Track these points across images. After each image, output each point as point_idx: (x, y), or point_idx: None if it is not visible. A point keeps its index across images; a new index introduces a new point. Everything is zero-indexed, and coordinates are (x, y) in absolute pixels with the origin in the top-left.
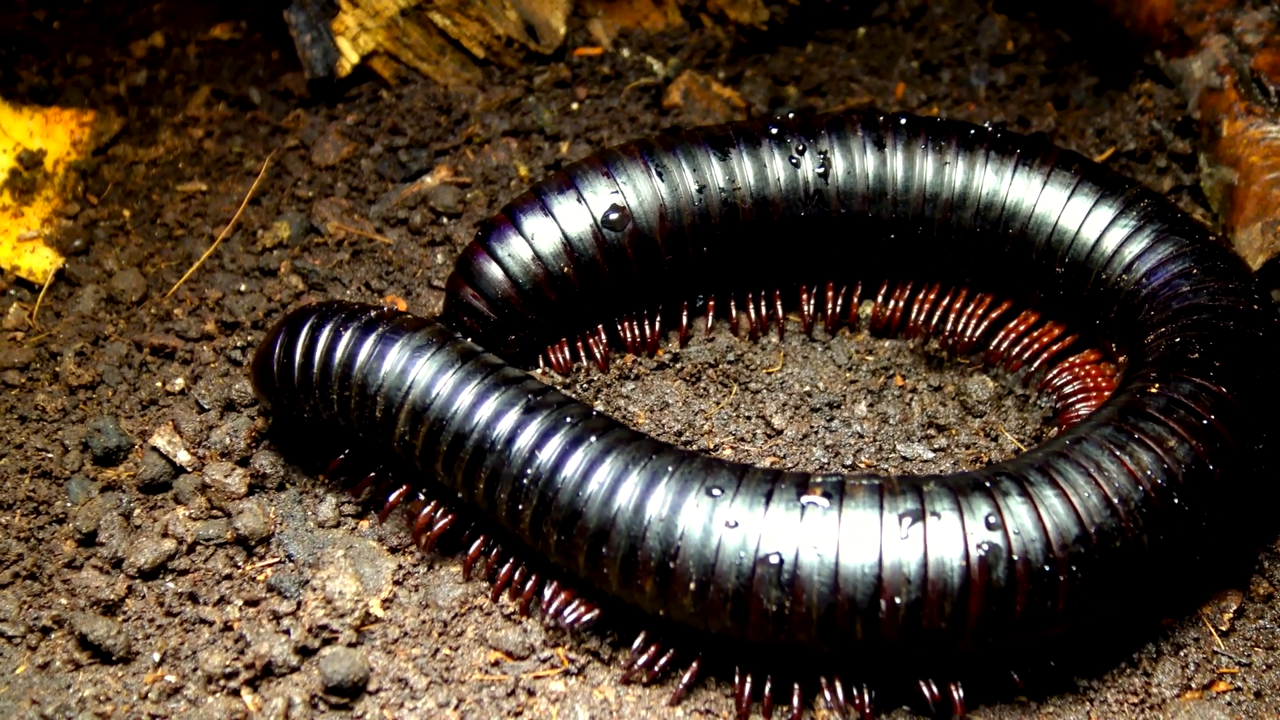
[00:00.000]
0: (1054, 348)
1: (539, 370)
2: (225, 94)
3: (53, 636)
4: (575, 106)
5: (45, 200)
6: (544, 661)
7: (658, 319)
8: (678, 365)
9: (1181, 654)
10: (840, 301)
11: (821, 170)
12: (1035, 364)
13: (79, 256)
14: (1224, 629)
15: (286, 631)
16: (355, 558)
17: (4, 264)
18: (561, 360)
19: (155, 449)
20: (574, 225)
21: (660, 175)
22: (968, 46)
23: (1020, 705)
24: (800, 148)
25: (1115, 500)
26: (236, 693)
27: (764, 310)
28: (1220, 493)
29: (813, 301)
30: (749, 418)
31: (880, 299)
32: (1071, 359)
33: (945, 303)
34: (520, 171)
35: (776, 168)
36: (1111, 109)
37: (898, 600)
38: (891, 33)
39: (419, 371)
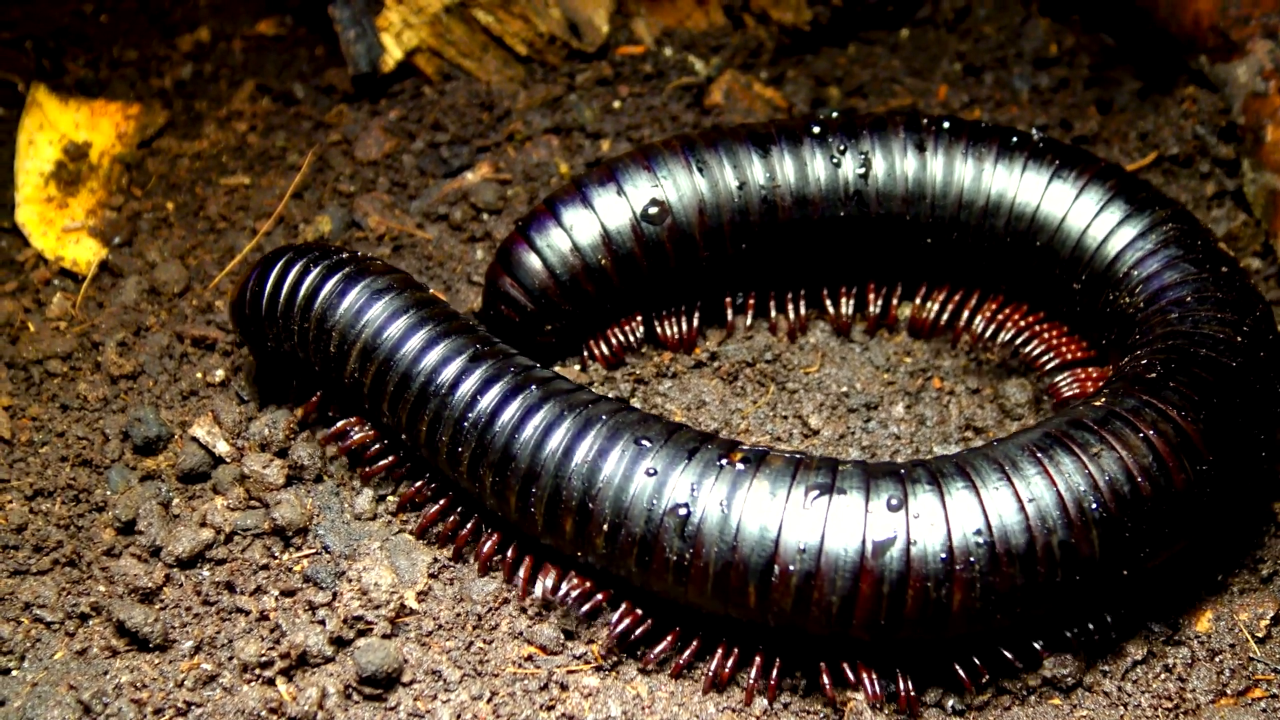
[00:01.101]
0: (1069, 358)
1: (579, 369)
2: (269, 89)
3: (91, 623)
4: (617, 105)
5: (90, 192)
6: (577, 657)
7: (696, 316)
8: (715, 364)
9: (1217, 660)
10: (880, 303)
11: (862, 171)
12: (1055, 375)
13: (122, 248)
14: (1260, 636)
15: (322, 622)
16: (391, 550)
17: (49, 254)
18: (602, 352)
19: (195, 439)
20: (613, 218)
21: (700, 171)
22: (1011, 49)
23: (1054, 708)
24: (841, 147)
25: (1025, 501)
26: (271, 682)
27: (802, 310)
28: (1152, 511)
29: (851, 302)
30: (786, 417)
31: (918, 301)
32: (1079, 371)
33: (978, 308)
34: (561, 169)
35: (817, 167)
36: (1155, 113)
37: (791, 569)
38: (935, 34)
39: (374, 312)
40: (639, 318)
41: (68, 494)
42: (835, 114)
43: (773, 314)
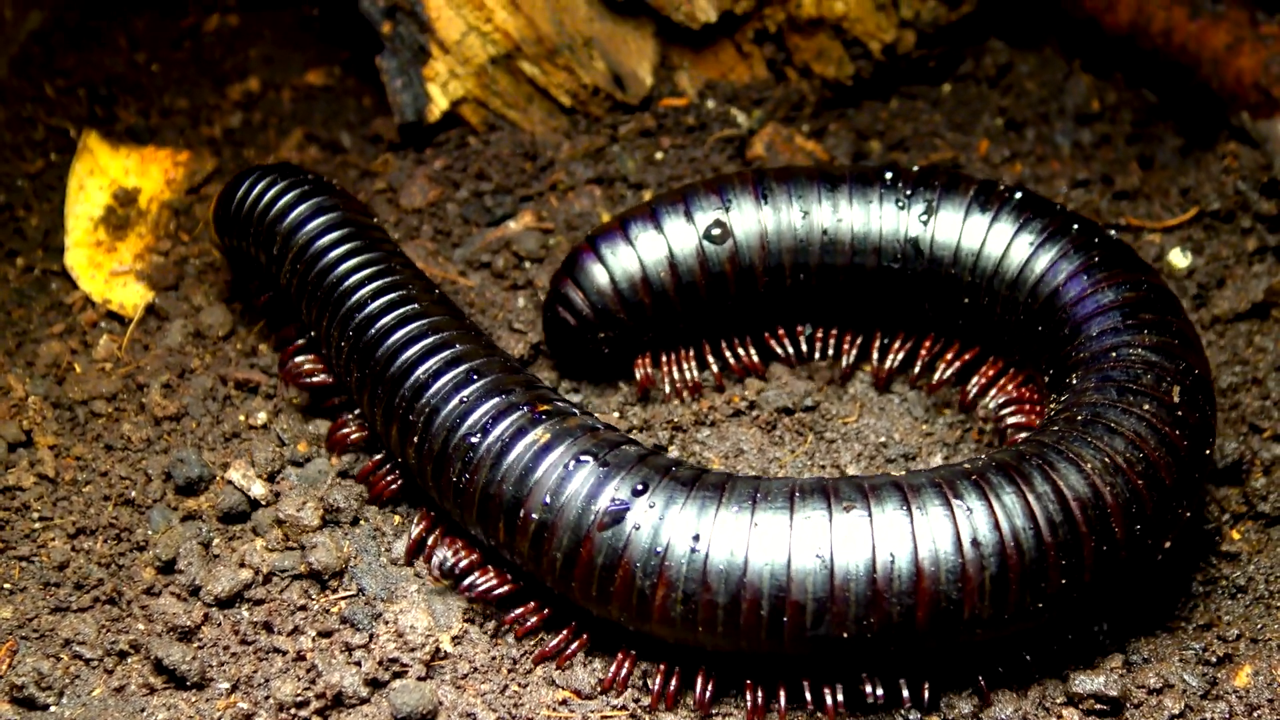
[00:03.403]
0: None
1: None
2: (317, 137)
3: (129, 661)
4: (659, 156)
5: (138, 236)
6: (612, 703)
7: (751, 348)
8: (753, 412)
9: (1255, 715)
10: (926, 357)
11: (924, 221)
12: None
13: (169, 291)
14: None
15: (358, 663)
16: (428, 593)
17: (96, 297)
18: (647, 373)
19: (229, 480)
20: (679, 241)
21: (766, 200)
22: (1053, 105)
23: None
24: (907, 198)
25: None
26: None
27: (851, 357)
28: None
29: (900, 357)
30: (823, 466)
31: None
32: None
33: (995, 380)
34: (603, 218)
35: (882, 214)
36: (1197, 169)
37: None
38: (976, 90)
39: (313, 223)
40: (691, 350)
41: (109, 533)
42: (914, 167)
43: (817, 357)
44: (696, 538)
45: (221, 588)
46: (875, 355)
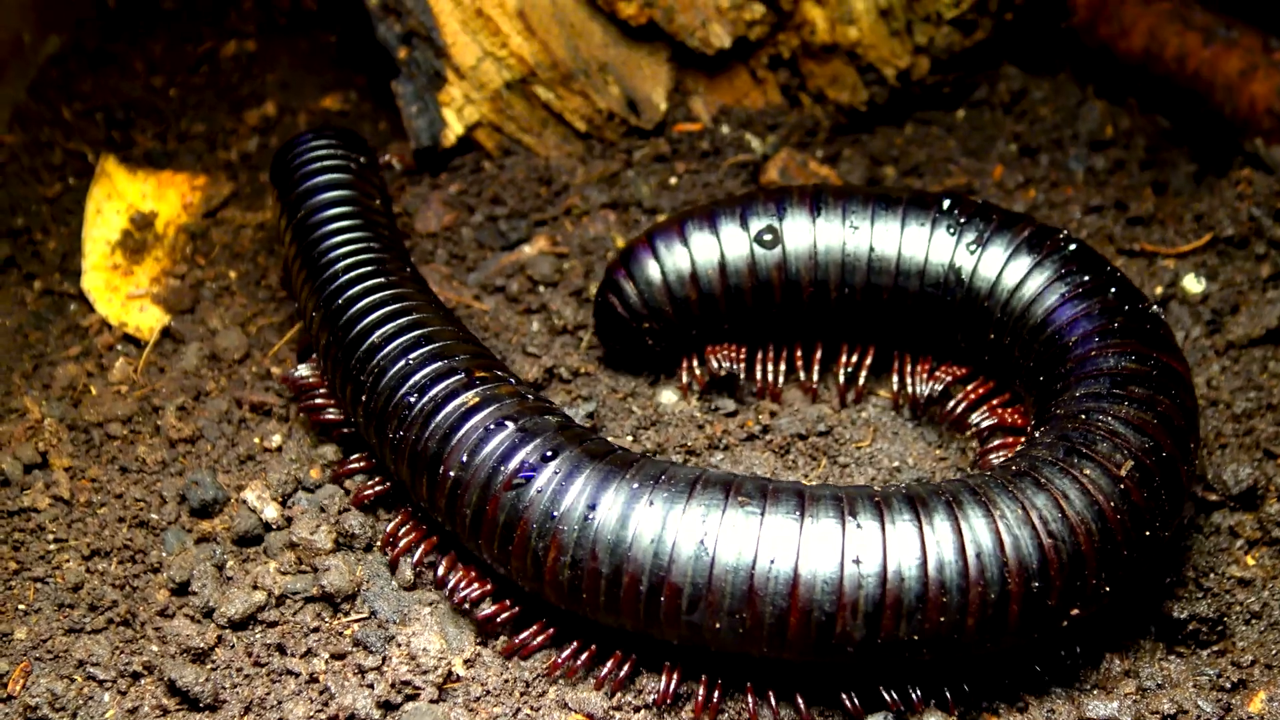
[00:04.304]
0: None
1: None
2: None
3: (142, 682)
4: (673, 181)
5: (155, 260)
6: None
7: (795, 355)
8: (767, 436)
9: None
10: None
11: (972, 251)
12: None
13: (185, 315)
14: None
15: (370, 686)
16: (440, 616)
17: (113, 320)
18: (694, 370)
19: (245, 503)
20: (732, 245)
21: (820, 214)
22: (1067, 131)
23: None
24: (959, 227)
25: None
26: None
27: (861, 379)
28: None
29: (929, 385)
30: None
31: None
32: None
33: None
34: (618, 243)
35: (930, 240)
36: (1210, 195)
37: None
38: (991, 115)
39: (318, 177)
40: (734, 350)
41: (124, 554)
42: (975, 199)
43: (841, 375)
44: (592, 507)
45: (235, 610)
46: (906, 381)
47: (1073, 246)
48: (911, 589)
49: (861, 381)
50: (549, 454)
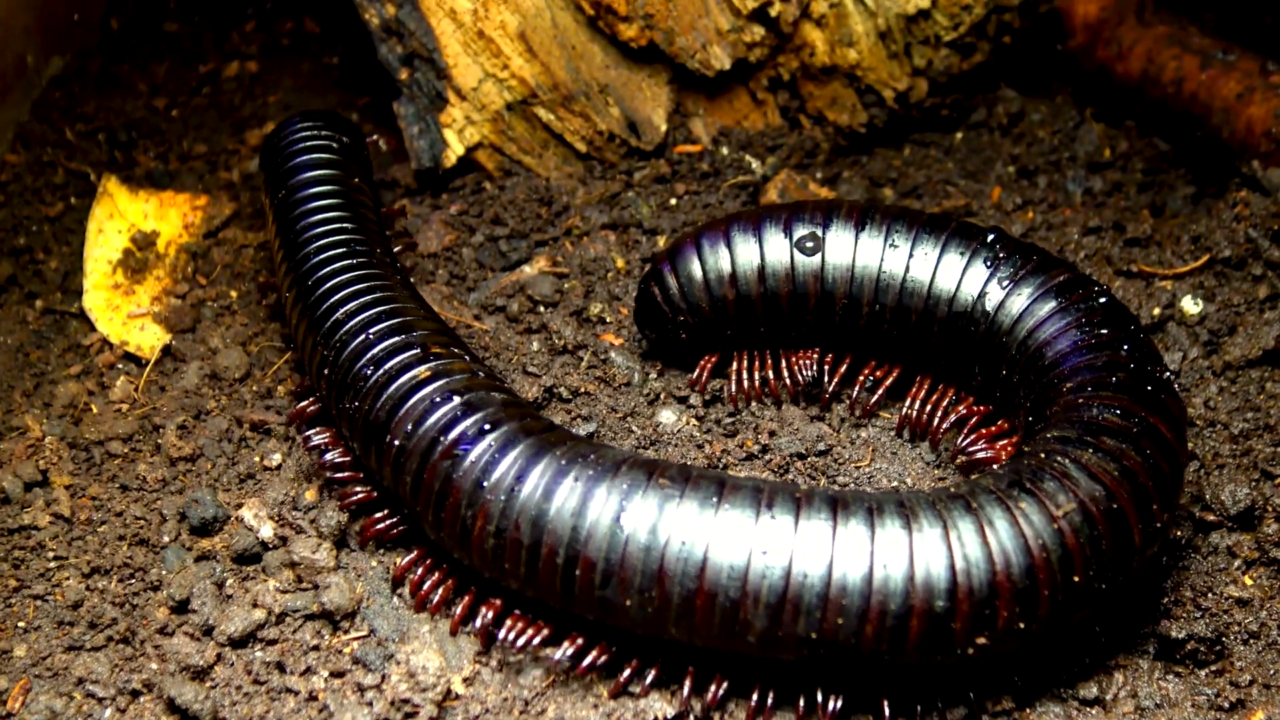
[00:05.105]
0: None
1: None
2: None
3: (142, 700)
4: (674, 202)
5: (156, 279)
6: None
7: (823, 369)
8: (766, 456)
9: None
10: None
11: (1004, 287)
12: None
13: (185, 334)
14: None
15: (370, 704)
16: (440, 634)
17: (114, 339)
18: (708, 370)
19: (241, 520)
20: (773, 251)
21: (864, 230)
22: (1065, 153)
23: None
24: (997, 261)
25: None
26: None
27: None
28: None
29: (947, 419)
30: None
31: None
32: None
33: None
34: (618, 264)
35: (965, 269)
36: (1208, 216)
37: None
38: (989, 138)
39: (296, 158)
40: (757, 358)
41: (124, 572)
42: (1023, 240)
43: (858, 388)
44: (520, 479)
45: (234, 628)
46: (916, 404)
47: (1102, 300)
48: (813, 587)
49: (874, 400)
50: (487, 427)
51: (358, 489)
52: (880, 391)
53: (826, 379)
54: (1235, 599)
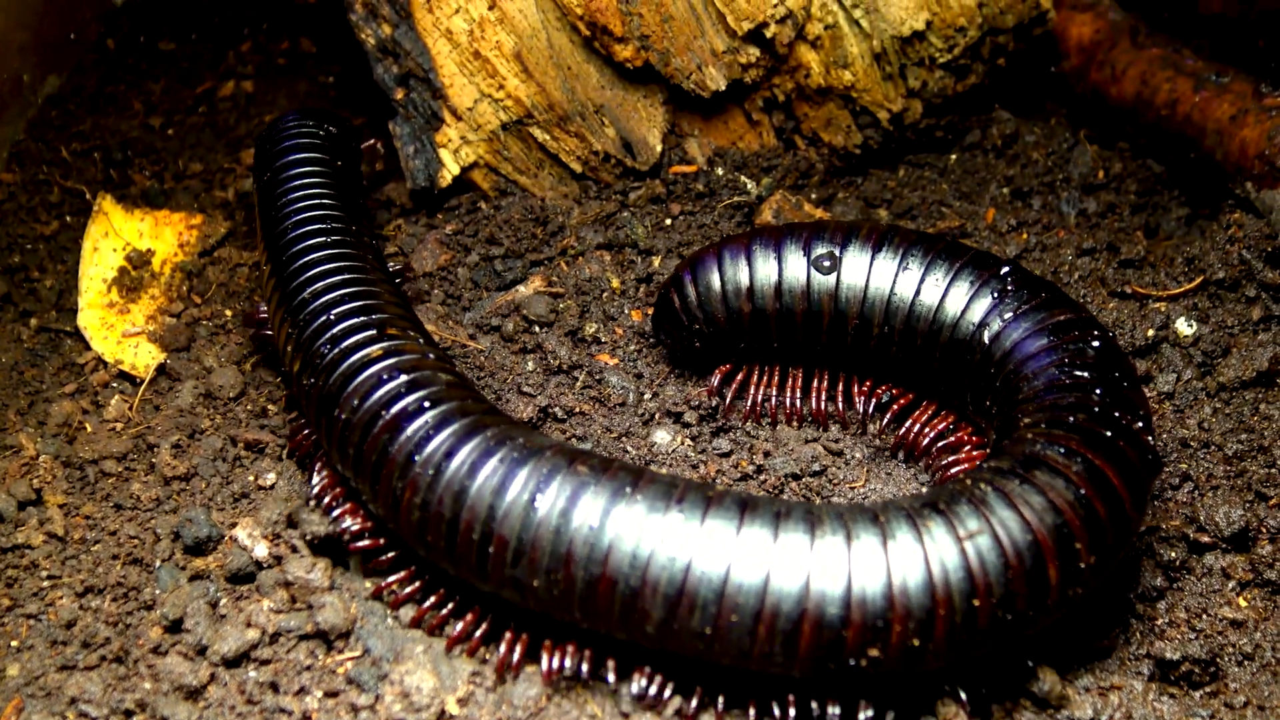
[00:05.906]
0: None
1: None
2: None
3: (135, 719)
4: (669, 222)
5: (151, 298)
6: None
7: (828, 386)
8: (760, 476)
9: None
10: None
11: (1005, 318)
12: None
13: (180, 353)
14: None
15: None
16: (434, 654)
17: (108, 358)
18: (718, 381)
19: (235, 539)
20: (791, 268)
21: (880, 252)
22: (1059, 174)
23: None
24: (1006, 293)
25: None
26: None
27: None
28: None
29: (940, 440)
30: None
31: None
32: None
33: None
34: (613, 283)
35: (972, 297)
36: (1202, 238)
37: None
38: (983, 159)
39: (289, 149)
40: (770, 371)
41: (117, 591)
42: (1039, 278)
43: (871, 403)
44: (449, 455)
45: (228, 647)
46: (916, 427)
47: (1095, 345)
48: (710, 584)
49: (885, 421)
50: (427, 405)
51: (364, 538)
52: (889, 415)
53: (860, 407)
54: (1230, 620)
